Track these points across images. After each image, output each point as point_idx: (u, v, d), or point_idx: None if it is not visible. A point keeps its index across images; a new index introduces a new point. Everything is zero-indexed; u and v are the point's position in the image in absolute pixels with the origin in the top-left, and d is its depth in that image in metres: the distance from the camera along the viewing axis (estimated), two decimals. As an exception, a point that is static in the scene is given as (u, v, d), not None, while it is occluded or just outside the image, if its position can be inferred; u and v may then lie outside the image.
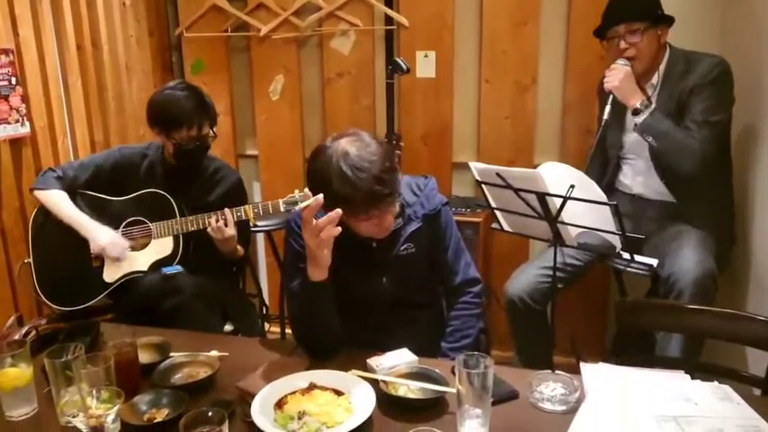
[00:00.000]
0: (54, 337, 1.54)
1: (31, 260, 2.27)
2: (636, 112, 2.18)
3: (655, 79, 2.27)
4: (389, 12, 2.99)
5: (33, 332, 1.65)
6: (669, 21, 2.25)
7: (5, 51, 2.34)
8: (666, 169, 2.25)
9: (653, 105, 2.17)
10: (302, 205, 1.41)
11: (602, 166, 2.46)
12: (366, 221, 1.53)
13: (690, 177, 2.16)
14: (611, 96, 2.23)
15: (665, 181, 2.28)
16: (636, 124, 2.19)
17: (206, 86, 3.24)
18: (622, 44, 2.22)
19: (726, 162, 2.28)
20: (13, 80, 2.37)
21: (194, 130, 2.19)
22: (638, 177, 2.37)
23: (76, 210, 2.23)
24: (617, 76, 2.20)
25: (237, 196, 2.36)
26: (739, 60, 2.26)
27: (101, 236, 2.20)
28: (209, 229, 2.19)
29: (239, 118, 3.39)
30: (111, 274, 2.24)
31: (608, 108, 2.22)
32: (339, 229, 1.43)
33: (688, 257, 2.05)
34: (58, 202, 2.23)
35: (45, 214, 2.26)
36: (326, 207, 1.42)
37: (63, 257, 2.23)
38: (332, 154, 1.47)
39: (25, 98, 2.43)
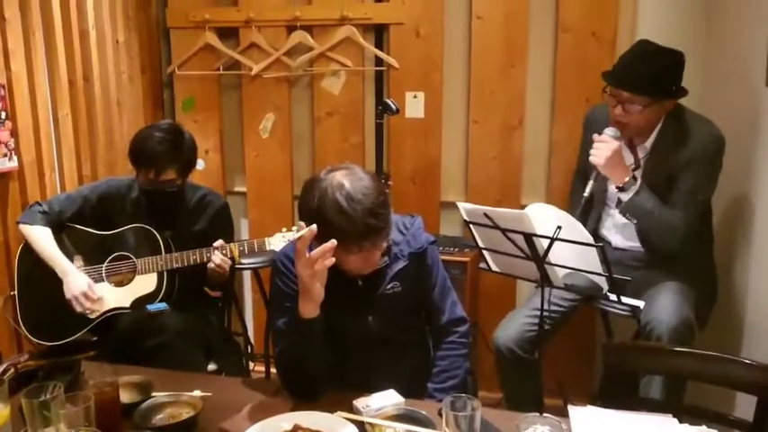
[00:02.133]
0: (34, 376, 1.51)
1: (15, 293, 2.25)
2: (620, 189, 2.13)
3: (648, 143, 2.20)
4: (380, 53, 3.04)
5: (12, 370, 1.61)
6: (681, 94, 2.13)
7: (-4, 86, 2.34)
8: (648, 244, 2.23)
9: (637, 184, 2.10)
10: (295, 236, 1.41)
11: (585, 213, 2.39)
12: (355, 255, 1.53)
13: (671, 253, 2.14)
14: (594, 172, 2.14)
15: (647, 246, 2.25)
16: (619, 199, 2.16)
17: (196, 124, 3.30)
18: (618, 110, 2.11)
19: (707, 218, 2.26)
20: (3, 115, 2.37)
21: (152, 173, 2.19)
22: (617, 235, 2.35)
23: (56, 249, 2.22)
24: (604, 153, 2.09)
25: (223, 222, 2.35)
26: (719, 110, 2.29)
27: (69, 286, 2.17)
28: (209, 267, 2.17)
29: (229, 155, 3.40)
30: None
31: (591, 184, 2.14)
32: (333, 259, 1.43)
33: (665, 306, 2.05)
34: (40, 238, 2.23)
35: (31, 248, 2.24)
36: (319, 239, 1.42)
37: (47, 291, 2.20)
38: (327, 185, 1.48)
39: (14, 133, 2.43)
